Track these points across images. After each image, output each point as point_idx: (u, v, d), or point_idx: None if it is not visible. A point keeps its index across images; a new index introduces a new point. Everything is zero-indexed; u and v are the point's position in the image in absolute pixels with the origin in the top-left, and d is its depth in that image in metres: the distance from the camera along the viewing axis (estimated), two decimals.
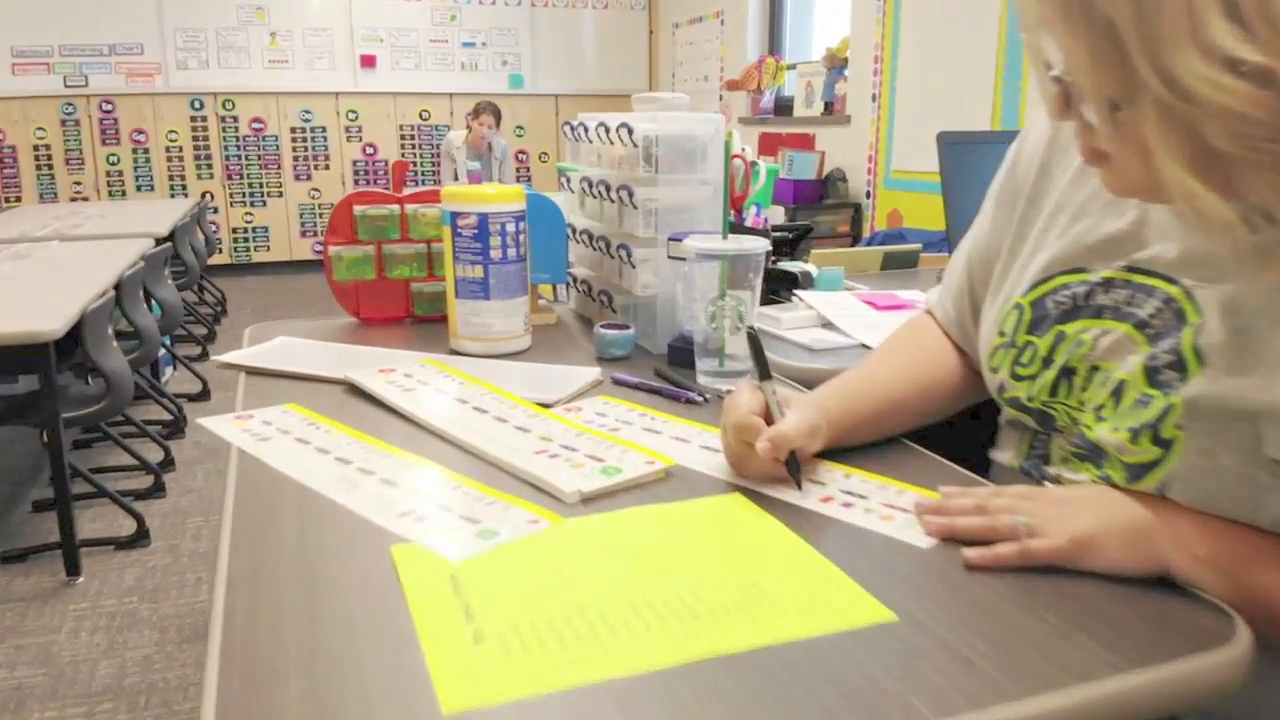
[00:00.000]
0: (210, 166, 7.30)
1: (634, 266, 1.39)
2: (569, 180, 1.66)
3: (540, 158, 8.08)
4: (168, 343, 4.42)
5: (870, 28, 5.19)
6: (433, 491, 0.88)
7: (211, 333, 5.38)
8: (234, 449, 1.01)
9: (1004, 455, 0.99)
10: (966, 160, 1.72)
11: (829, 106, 5.68)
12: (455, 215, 1.35)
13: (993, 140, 1.75)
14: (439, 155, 7.67)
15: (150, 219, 4.91)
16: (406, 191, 1.60)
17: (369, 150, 7.60)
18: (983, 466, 1.05)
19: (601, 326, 1.38)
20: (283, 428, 1.07)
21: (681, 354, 1.33)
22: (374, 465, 0.94)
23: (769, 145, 6.36)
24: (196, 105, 7.20)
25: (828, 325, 1.49)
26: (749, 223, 1.65)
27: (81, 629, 2.40)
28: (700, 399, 1.17)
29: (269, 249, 7.52)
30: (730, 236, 1.20)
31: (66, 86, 7.01)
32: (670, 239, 1.31)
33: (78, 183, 7.13)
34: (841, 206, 5.34)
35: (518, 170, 7.96)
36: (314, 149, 7.48)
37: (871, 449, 0.99)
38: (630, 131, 1.36)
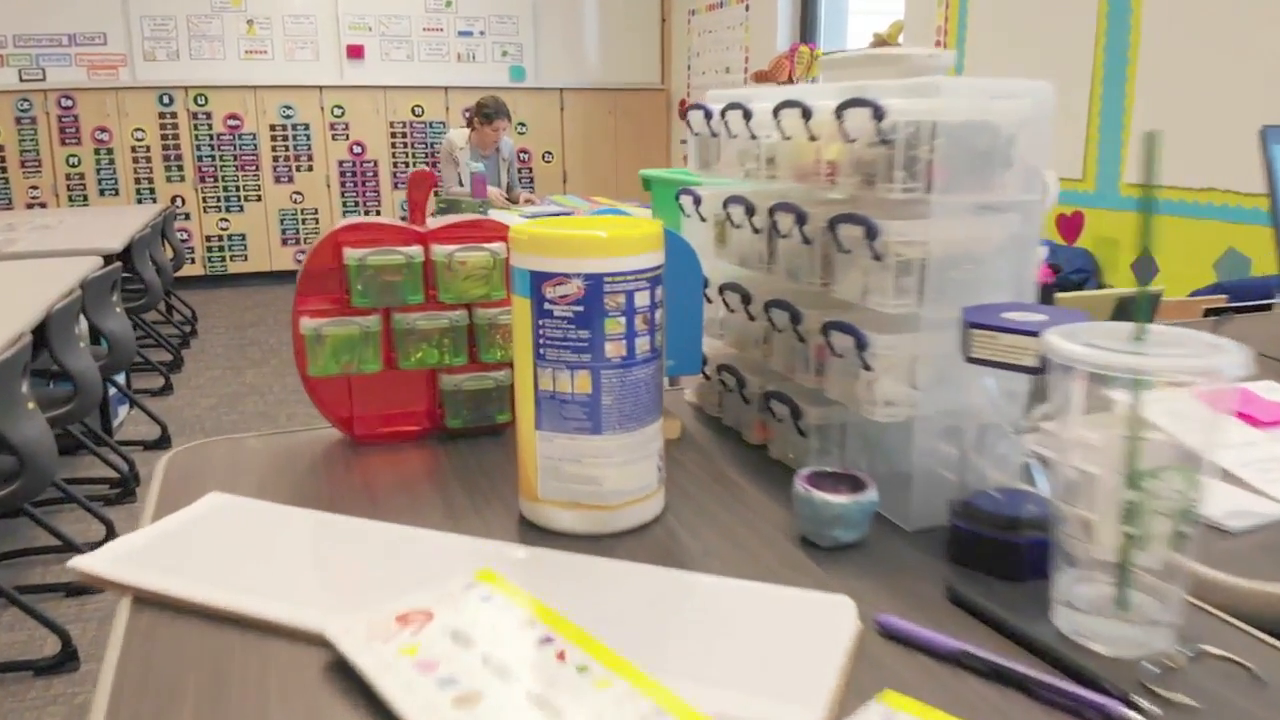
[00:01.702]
0: (181, 168, 6.61)
1: (869, 366, 0.74)
2: (698, 202, 1.01)
3: (544, 158, 7.42)
4: (122, 380, 3.75)
5: (930, 9, 4.55)
6: None
7: (178, 359, 4.70)
8: None
9: None
10: None
11: None
12: (540, 279, 0.70)
13: None
14: (436, 156, 7.01)
15: (105, 231, 4.24)
16: (434, 222, 0.95)
17: (356, 149, 6.93)
18: None
19: (812, 483, 0.73)
20: None
21: (980, 549, 0.68)
22: None
23: None
24: (165, 101, 6.51)
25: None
26: None
27: None
28: (1136, 717, 0.52)
29: (246, 259, 6.83)
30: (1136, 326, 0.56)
31: (22, 81, 6.32)
32: (971, 323, 0.66)
33: (34, 187, 6.43)
34: None
35: (519, 173, 7.29)
36: (296, 148, 6.81)
37: None
38: (879, 114, 0.71)
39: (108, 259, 3.63)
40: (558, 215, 5.19)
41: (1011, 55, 4.13)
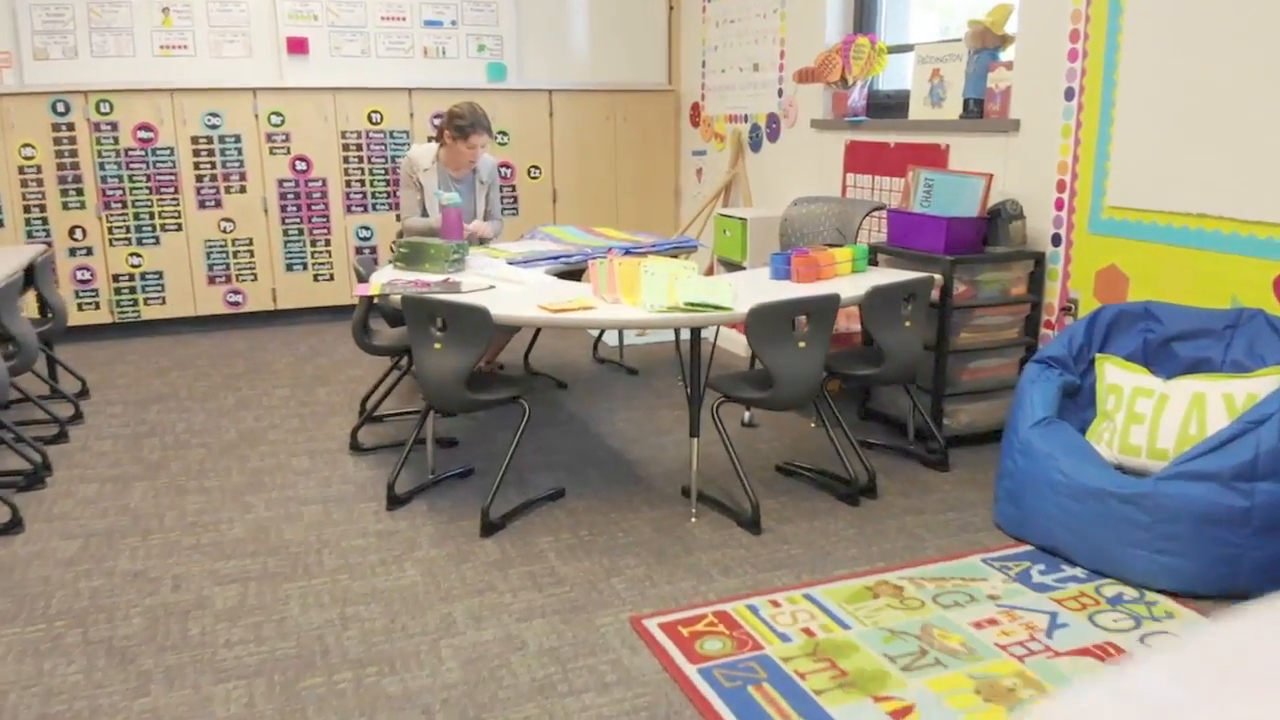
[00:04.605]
0: (80, 193, 5.32)
1: None
2: None
3: (530, 173, 6.18)
4: None
5: None
6: None
7: (42, 465, 3.43)
8: None
9: None
10: None
11: (974, 106, 3.85)
12: None
13: None
14: (397, 176, 5.76)
15: None
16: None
17: (300, 165, 5.66)
18: None
19: None
20: None
21: None
22: None
23: (867, 160, 4.53)
24: (60, 109, 5.22)
25: None
26: None
27: None
28: None
29: (164, 301, 5.55)
30: None
31: None
32: None
33: None
34: (1016, 258, 3.52)
35: (500, 191, 6.04)
36: (225, 165, 5.53)
37: None
38: None
39: None
40: (554, 261, 3.96)
41: (1191, 43, 2.95)
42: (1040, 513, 2.74)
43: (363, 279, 3.48)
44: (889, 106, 4.51)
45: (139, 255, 5.46)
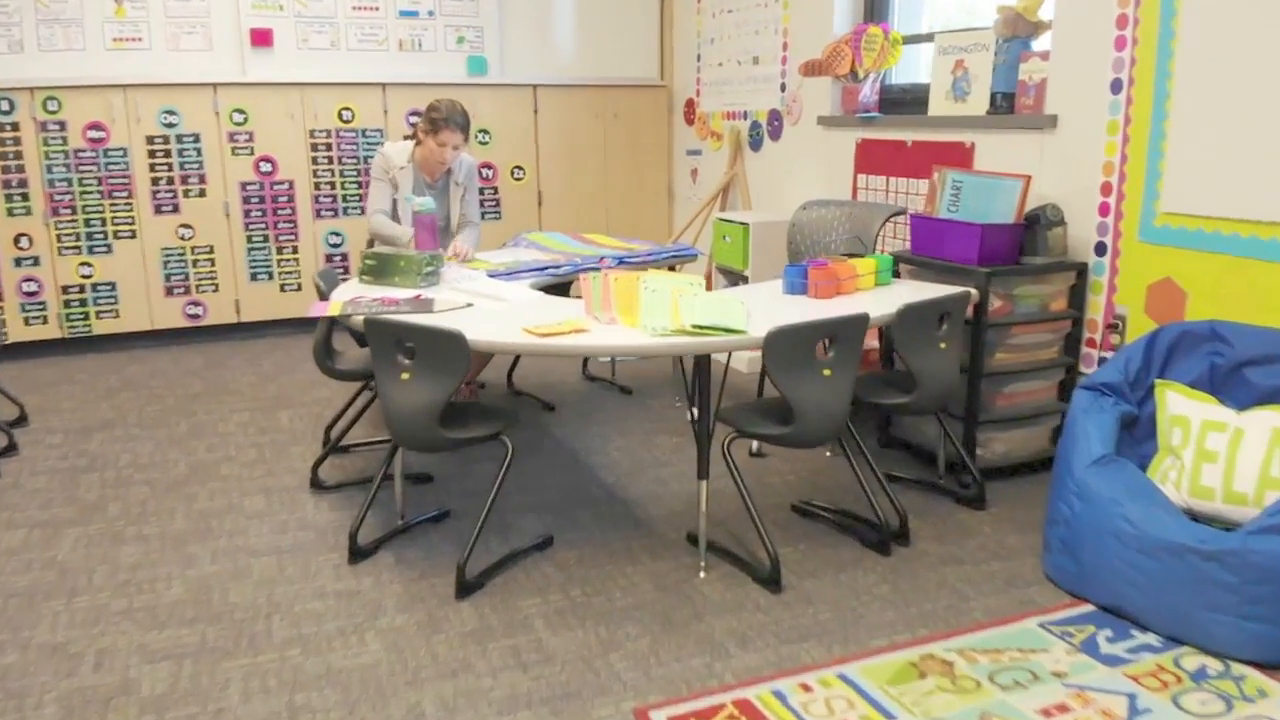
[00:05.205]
0: (26, 198, 4.90)
1: None
2: None
3: (513, 175, 5.80)
4: None
5: None
6: None
7: None
8: None
9: None
10: None
11: (1002, 100, 3.49)
12: None
13: None
14: (367, 176, 5.36)
15: None
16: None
17: (265, 167, 5.25)
18: None
19: None
20: None
21: None
22: None
23: (881, 160, 4.17)
24: (4, 107, 4.81)
25: None
26: None
27: None
28: None
29: (118, 315, 5.13)
30: None
31: None
32: None
33: None
34: (1056, 270, 3.16)
35: (481, 194, 5.66)
36: (183, 166, 5.12)
37: None
38: None
39: None
40: (541, 272, 3.55)
41: (1262, 40, 2.59)
42: (1103, 567, 2.38)
43: (323, 296, 3.09)
44: (905, 102, 4.15)
45: (90, 265, 5.04)
